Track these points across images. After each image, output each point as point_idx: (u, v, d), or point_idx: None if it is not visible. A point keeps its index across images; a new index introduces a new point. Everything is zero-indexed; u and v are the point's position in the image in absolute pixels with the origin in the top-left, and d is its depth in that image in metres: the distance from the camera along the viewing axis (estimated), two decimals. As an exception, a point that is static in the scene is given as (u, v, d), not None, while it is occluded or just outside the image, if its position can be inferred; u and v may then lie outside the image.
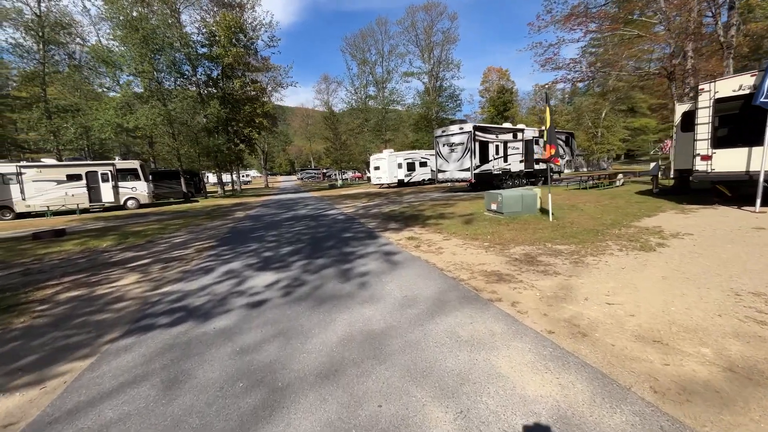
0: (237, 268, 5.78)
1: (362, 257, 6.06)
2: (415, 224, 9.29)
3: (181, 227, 11.70)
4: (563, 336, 2.98)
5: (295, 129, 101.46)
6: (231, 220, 12.87)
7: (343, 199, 20.14)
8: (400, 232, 8.30)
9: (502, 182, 20.35)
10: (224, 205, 21.41)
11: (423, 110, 48.48)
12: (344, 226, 9.74)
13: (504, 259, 5.45)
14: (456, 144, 18.90)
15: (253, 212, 15.71)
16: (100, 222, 15.14)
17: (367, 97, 49.72)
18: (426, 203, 14.37)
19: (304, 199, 22.52)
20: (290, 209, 15.92)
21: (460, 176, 18.94)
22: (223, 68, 29.84)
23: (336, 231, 8.92)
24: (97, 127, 23.20)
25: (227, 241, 8.38)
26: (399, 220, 10.25)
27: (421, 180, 33.08)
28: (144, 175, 23.03)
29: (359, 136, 52.21)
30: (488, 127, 19.33)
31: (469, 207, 11.81)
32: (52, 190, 20.66)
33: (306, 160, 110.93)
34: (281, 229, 9.84)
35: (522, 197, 9.21)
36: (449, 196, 17.19)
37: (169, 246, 8.32)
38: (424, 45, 46.79)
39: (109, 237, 10.26)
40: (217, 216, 14.85)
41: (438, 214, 10.72)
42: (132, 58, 23.59)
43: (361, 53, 48.23)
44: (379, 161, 31.95)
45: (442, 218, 9.86)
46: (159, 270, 6.06)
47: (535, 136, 21.87)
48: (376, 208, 14.17)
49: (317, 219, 11.51)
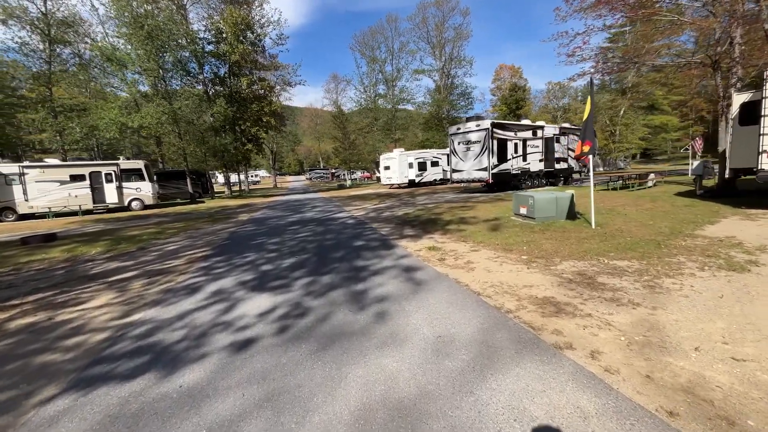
0: (228, 288, 4.83)
1: (377, 274, 5.06)
2: (434, 230, 8.26)
3: (180, 231, 10.87)
4: (695, 424, 1.93)
5: (304, 129, 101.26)
6: (233, 224, 11.99)
7: (352, 201, 19.18)
8: (419, 240, 7.28)
9: (521, 182, 19.17)
10: (229, 207, 20.65)
11: (433, 109, 47.28)
12: (354, 232, 8.75)
13: (554, 280, 4.39)
14: (472, 142, 17.78)
15: (257, 214, 14.84)
16: (99, 225, 14.44)
17: (376, 95, 48.76)
18: (442, 205, 13.32)
19: (311, 201, 21.64)
20: (297, 211, 15.01)
21: (477, 176, 17.82)
22: (230, 66, 29.19)
23: (345, 238, 7.93)
24: (102, 126, 22.67)
25: (224, 250, 7.46)
26: (415, 225, 9.22)
27: (433, 180, 32.03)
28: (149, 175, 22.42)
29: (368, 135, 51.27)
30: (507, 124, 18.18)
31: (492, 210, 10.72)
32: (55, 191, 20.15)
33: (315, 160, 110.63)
34: (285, 235, 8.90)
35: (556, 200, 8.10)
36: (466, 198, 16.10)
37: (159, 255, 7.44)
38: (435, 42, 45.66)
39: (100, 243, 9.45)
40: (219, 219, 14.02)
41: (458, 218, 9.66)
42: (137, 56, 23.04)
43: (370, 51, 47.36)
44: (390, 161, 30.97)
45: (464, 223, 8.80)
46: (139, 287, 5.15)
47: (555, 133, 20.62)
48: (388, 210, 13.17)
49: (325, 223, 10.55)
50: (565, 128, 21.53)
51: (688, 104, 51.61)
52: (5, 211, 19.39)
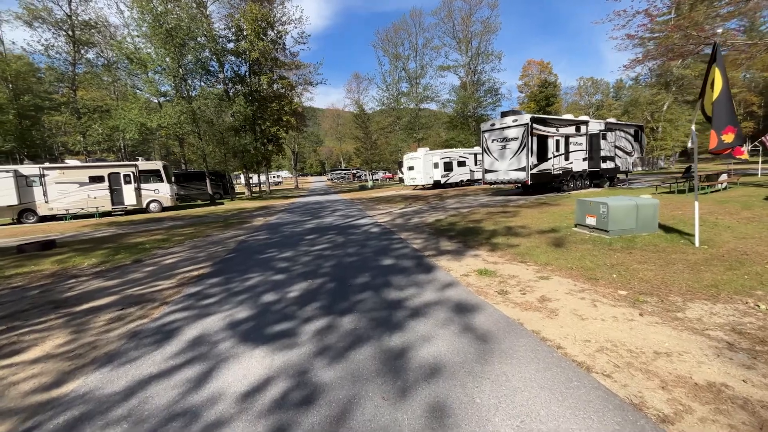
0: (212, 333, 3.50)
1: (419, 316, 3.60)
2: (478, 244, 6.72)
3: (186, 239, 9.79)
4: None
5: (325, 130, 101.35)
6: (245, 231, 10.84)
7: (375, 204, 17.81)
8: (462, 259, 5.77)
9: (563, 184, 17.21)
10: (247, 209, 19.72)
11: (459, 106, 45.32)
12: (380, 244, 7.32)
13: (700, 342, 2.80)
14: (509, 139, 16.02)
15: (273, 219, 13.69)
16: (110, 229, 13.70)
17: (399, 94, 47.28)
18: (478, 210, 11.70)
19: (332, 203, 20.41)
20: (315, 216, 13.76)
21: (514, 177, 16.04)
22: (250, 64, 28.52)
23: (370, 254, 6.51)
24: (122, 127, 22.33)
25: (225, 267, 6.20)
26: (453, 236, 7.70)
27: (459, 181, 30.29)
28: (167, 176, 21.87)
29: (390, 135, 49.91)
30: (548, 119, 16.29)
31: (541, 218, 9.04)
32: (75, 192, 19.82)
33: (336, 160, 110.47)
34: (299, 247, 7.58)
35: (637, 208, 6.39)
36: (503, 201, 14.38)
37: (151, 272, 6.27)
38: (461, 36, 43.70)
39: (98, 252, 8.46)
40: (232, 224, 12.95)
41: (504, 228, 8.06)
42: (157, 55, 22.58)
43: (393, 47, 45.94)
44: (414, 161, 29.45)
45: (513, 235, 7.20)
46: (102, 325, 3.91)
47: (601, 129, 18.50)
48: (416, 216, 11.69)
49: (346, 232, 9.17)
50: (611, 124, 19.34)
51: (735, 98, 47.32)
52: (26, 212, 19.20)
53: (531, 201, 13.64)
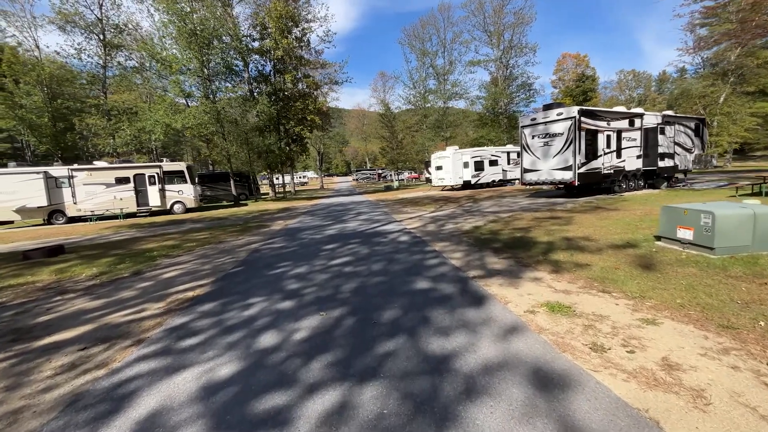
0: (172, 410, 2.40)
1: (478, 396, 2.35)
2: (534, 261, 5.35)
3: (198, 245, 8.97)
4: None
5: (351, 130, 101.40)
6: (261, 237, 9.92)
7: (402, 206, 16.58)
8: (520, 283, 4.44)
9: (614, 184, 15.31)
10: (269, 211, 19.04)
11: (489, 103, 43.24)
12: (412, 259, 6.08)
13: None
14: (553, 134, 14.34)
15: (293, 223, 12.76)
16: (129, 232, 13.25)
17: (426, 91, 45.74)
18: (522, 215, 10.22)
19: (356, 205, 19.37)
20: (338, 220, 12.71)
21: (558, 177, 14.34)
22: (274, 63, 28.04)
23: (400, 273, 5.30)
24: (149, 127, 22.32)
25: (226, 287, 5.19)
26: (499, 249, 6.35)
27: (491, 181, 28.57)
28: (191, 177, 21.62)
29: (417, 134, 48.48)
30: (598, 112, 14.46)
31: (603, 225, 7.49)
32: (102, 193, 19.87)
33: (362, 161, 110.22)
34: (316, 260, 6.48)
35: (754, 218, 4.82)
36: (548, 205, 12.78)
37: (144, 289, 5.36)
38: (492, 29, 41.59)
39: (102, 260, 7.76)
40: (251, 228, 12.13)
41: (561, 239, 6.62)
42: (182, 55, 22.41)
43: (420, 43, 44.44)
44: (442, 160, 28.00)
45: (577, 249, 5.77)
46: (44, 379, 2.92)
47: (658, 123, 16.38)
48: (450, 221, 10.36)
49: (370, 241, 7.99)
50: (669, 117, 17.13)
51: None
52: (56, 213, 19.40)
53: (581, 204, 11.96)
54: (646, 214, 8.68)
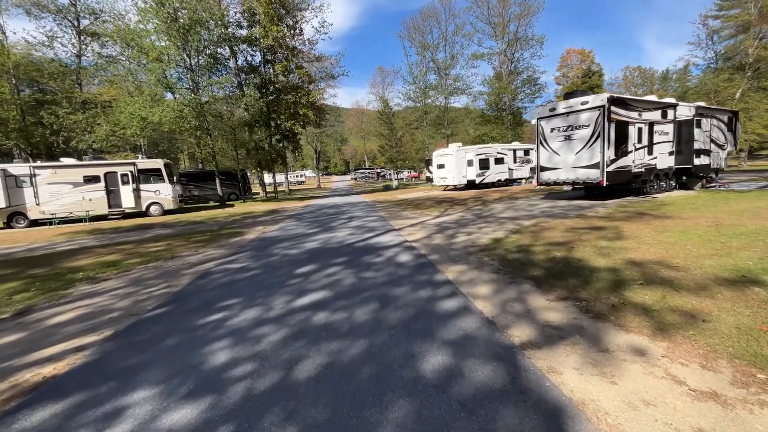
0: None
1: None
2: (607, 307, 3.37)
3: (142, 263, 7.00)
4: None
5: (349, 128, 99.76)
6: (225, 250, 7.94)
7: (402, 209, 14.60)
8: (613, 366, 2.48)
9: (646, 184, 13.35)
10: (253, 214, 17.05)
11: (492, 98, 41.25)
12: (416, 299, 4.08)
13: None
14: (577, 126, 12.37)
15: (272, 230, 10.78)
16: (84, 240, 11.28)
17: (427, 87, 43.72)
18: (549, 224, 8.24)
19: (351, 207, 17.39)
20: (325, 227, 10.73)
21: (583, 175, 12.38)
22: (263, 52, 26.03)
23: (399, 333, 3.29)
24: (123, 121, 20.28)
25: (117, 352, 3.22)
26: (540, 279, 4.36)
27: (497, 180, 26.69)
28: (169, 176, 19.62)
29: (417, 131, 46.52)
30: (629, 100, 12.47)
31: (673, 241, 5.53)
32: (68, 194, 17.86)
33: (361, 159, 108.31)
34: (276, 298, 4.49)
35: None
36: (573, 209, 10.81)
37: (1, 348, 3.40)
38: (497, 21, 39.55)
39: (4, 286, 5.80)
40: (221, 236, 10.16)
41: (626, 263, 4.63)
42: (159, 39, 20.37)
43: (420, 35, 42.43)
44: (444, 158, 26.05)
45: (662, 284, 3.80)
46: None
47: (693, 115, 14.40)
48: (461, 230, 8.38)
49: (359, 263, 5.95)
50: (702, 108, 15.14)
51: None
52: (16, 216, 17.38)
53: (616, 209, 9.99)
54: (715, 224, 6.72)
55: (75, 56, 23.23)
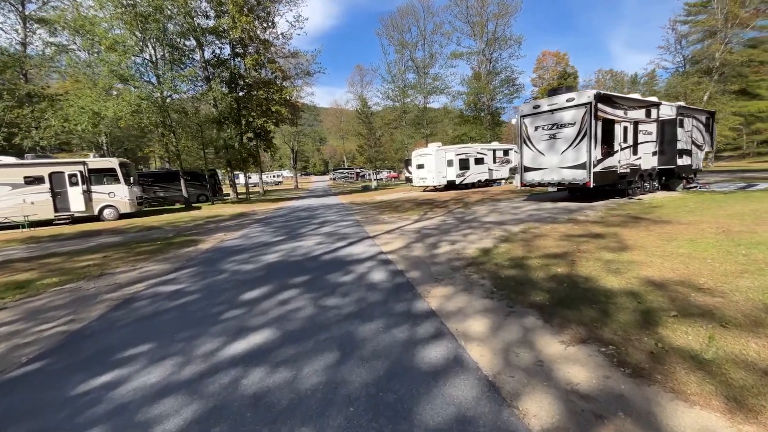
0: None
1: None
2: (644, 354, 2.52)
3: (58, 284, 5.70)
4: None
5: (328, 128, 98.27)
6: (169, 264, 6.73)
7: (380, 212, 13.63)
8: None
9: (631, 185, 12.92)
10: (218, 218, 15.65)
11: (471, 98, 40.95)
12: (391, 342, 3.07)
13: None
14: (562, 125, 11.75)
15: (232, 239, 9.56)
16: (14, 250, 9.68)
17: (405, 86, 42.95)
18: (540, 230, 7.44)
19: (326, 210, 16.26)
20: (292, 234, 9.61)
21: (569, 176, 11.77)
22: (233, 44, 24.48)
23: (367, 398, 2.33)
24: (73, 116, 18.34)
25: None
26: (546, 308, 3.47)
27: (477, 181, 26.18)
28: (125, 176, 17.87)
29: (396, 130, 45.75)
30: (615, 98, 11.96)
31: (687, 252, 4.80)
32: (6, 196, 15.87)
33: (340, 159, 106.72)
34: (204, 341, 3.38)
35: None
36: (561, 212, 10.13)
37: None
38: (475, 20, 39.21)
39: None
40: (172, 245, 8.86)
41: (644, 284, 3.82)
42: (110, 26, 18.58)
43: (399, 34, 41.60)
44: (424, 158, 25.30)
45: (699, 315, 3.00)
46: None
47: (675, 115, 14.12)
48: (444, 238, 7.47)
49: (323, 284, 4.89)
50: (683, 108, 14.93)
51: None
52: (-56, 222, 15.34)
53: (606, 212, 9.37)
54: (722, 231, 6.09)
55: (19, 44, 20.97)
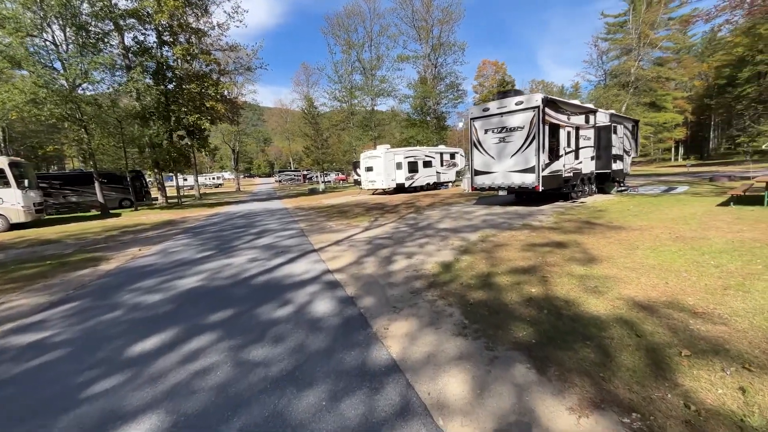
0: None
1: None
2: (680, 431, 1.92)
3: None
4: None
5: (273, 128, 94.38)
6: (50, 293, 5.13)
7: (327, 218, 12.56)
8: None
9: (573, 189, 13.27)
10: (138, 227, 13.46)
11: (418, 101, 41.25)
12: (343, 427, 2.22)
13: None
14: (512, 128, 11.65)
15: (145, 255, 7.94)
16: None
17: (353, 87, 42.09)
18: (499, 238, 6.97)
19: (267, 216, 14.78)
20: (222, 247, 8.24)
21: (519, 181, 11.69)
22: (159, 31, 21.81)
23: None
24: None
25: None
26: (530, 347, 2.80)
27: (426, 184, 26.08)
28: (18, 179, 14.81)
29: (343, 132, 44.72)
30: (560, 102, 12.15)
31: (658, 263, 4.49)
32: None
33: (286, 161, 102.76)
34: None
35: None
36: (513, 217, 9.89)
37: None
38: (421, 24, 39.54)
39: None
40: (67, 265, 7.05)
41: (633, 308, 3.33)
42: (9, 3, 15.41)
43: (345, 33, 40.64)
44: (373, 160, 24.60)
45: (712, 353, 2.50)
46: None
47: (609, 121, 14.87)
48: (398, 249, 6.68)
49: (253, 315, 3.81)
50: (615, 116, 15.85)
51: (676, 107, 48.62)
52: None
53: (559, 218, 9.26)
54: (676, 237, 6.03)
55: None
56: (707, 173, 24.71)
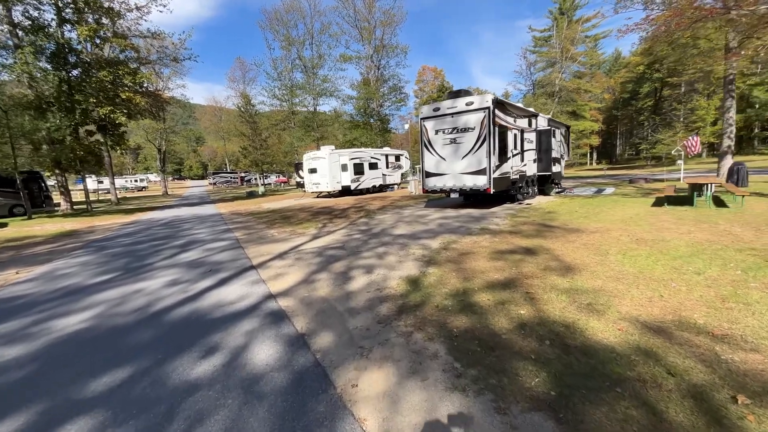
0: None
1: None
2: None
3: None
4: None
5: (206, 127, 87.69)
6: None
7: (268, 225, 11.20)
8: None
9: (519, 191, 13.46)
10: (27, 240, 10.83)
11: (361, 103, 40.65)
12: None
13: None
14: (463, 129, 11.39)
15: (24, 281, 6.08)
16: None
17: (294, 85, 40.18)
18: (464, 246, 6.41)
19: (197, 223, 12.92)
20: (135, 267, 6.66)
21: (470, 183, 11.45)
22: (59, 6, 18.43)
23: None
24: None
25: None
26: (553, 404, 2.16)
27: (371, 186, 25.49)
28: None
29: (284, 132, 42.51)
30: (507, 105, 12.18)
31: (637, 270, 4.19)
32: None
33: (221, 162, 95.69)
34: None
35: None
36: (468, 220, 9.53)
37: None
38: (363, 25, 38.99)
39: None
40: None
41: (638, 328, 2.86)
42: None
43: (285, 28, 38.66)
44: (317, 161, 23.39)
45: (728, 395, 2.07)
46: None
47: (548, 126, 15.45)
48: (355, 263, 5.80)
49: (163, 375, 2.69)
50: (552, 121, 16.59)
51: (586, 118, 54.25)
52: None
53: (510, 220, 9.06)
54: (636, 240, 5.96)
55: None
56: (623, 176, 27.37)
